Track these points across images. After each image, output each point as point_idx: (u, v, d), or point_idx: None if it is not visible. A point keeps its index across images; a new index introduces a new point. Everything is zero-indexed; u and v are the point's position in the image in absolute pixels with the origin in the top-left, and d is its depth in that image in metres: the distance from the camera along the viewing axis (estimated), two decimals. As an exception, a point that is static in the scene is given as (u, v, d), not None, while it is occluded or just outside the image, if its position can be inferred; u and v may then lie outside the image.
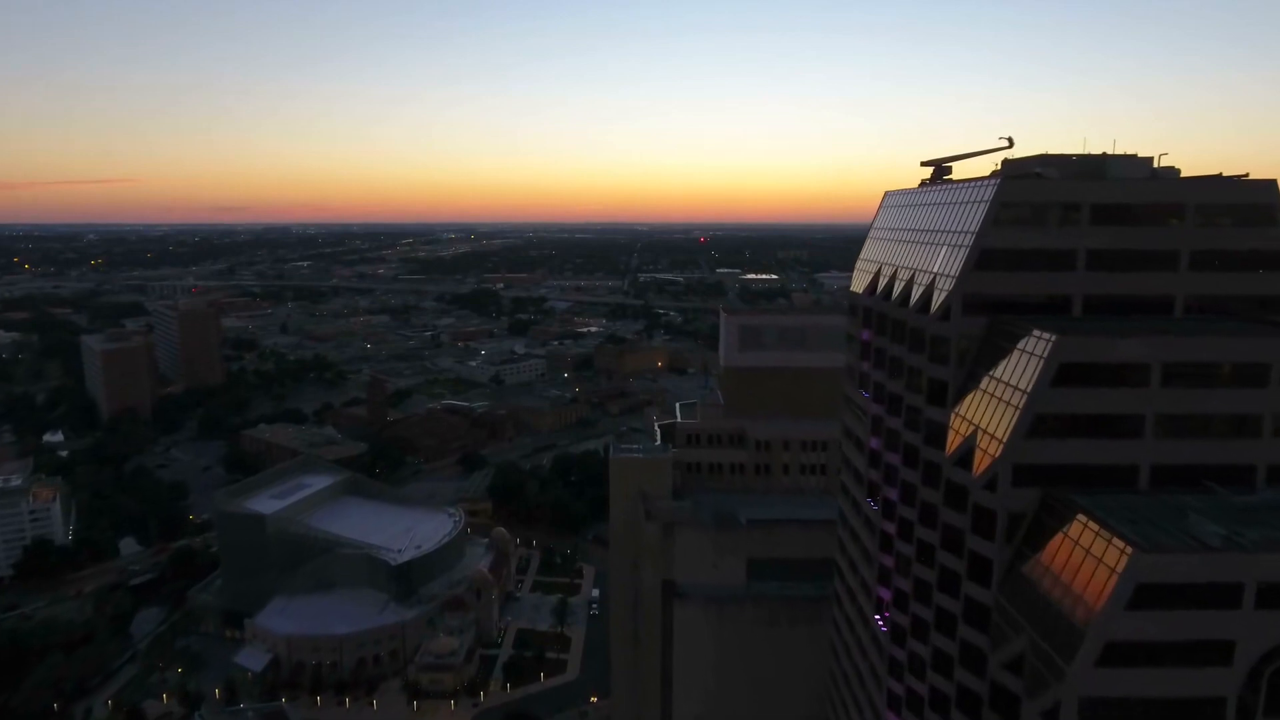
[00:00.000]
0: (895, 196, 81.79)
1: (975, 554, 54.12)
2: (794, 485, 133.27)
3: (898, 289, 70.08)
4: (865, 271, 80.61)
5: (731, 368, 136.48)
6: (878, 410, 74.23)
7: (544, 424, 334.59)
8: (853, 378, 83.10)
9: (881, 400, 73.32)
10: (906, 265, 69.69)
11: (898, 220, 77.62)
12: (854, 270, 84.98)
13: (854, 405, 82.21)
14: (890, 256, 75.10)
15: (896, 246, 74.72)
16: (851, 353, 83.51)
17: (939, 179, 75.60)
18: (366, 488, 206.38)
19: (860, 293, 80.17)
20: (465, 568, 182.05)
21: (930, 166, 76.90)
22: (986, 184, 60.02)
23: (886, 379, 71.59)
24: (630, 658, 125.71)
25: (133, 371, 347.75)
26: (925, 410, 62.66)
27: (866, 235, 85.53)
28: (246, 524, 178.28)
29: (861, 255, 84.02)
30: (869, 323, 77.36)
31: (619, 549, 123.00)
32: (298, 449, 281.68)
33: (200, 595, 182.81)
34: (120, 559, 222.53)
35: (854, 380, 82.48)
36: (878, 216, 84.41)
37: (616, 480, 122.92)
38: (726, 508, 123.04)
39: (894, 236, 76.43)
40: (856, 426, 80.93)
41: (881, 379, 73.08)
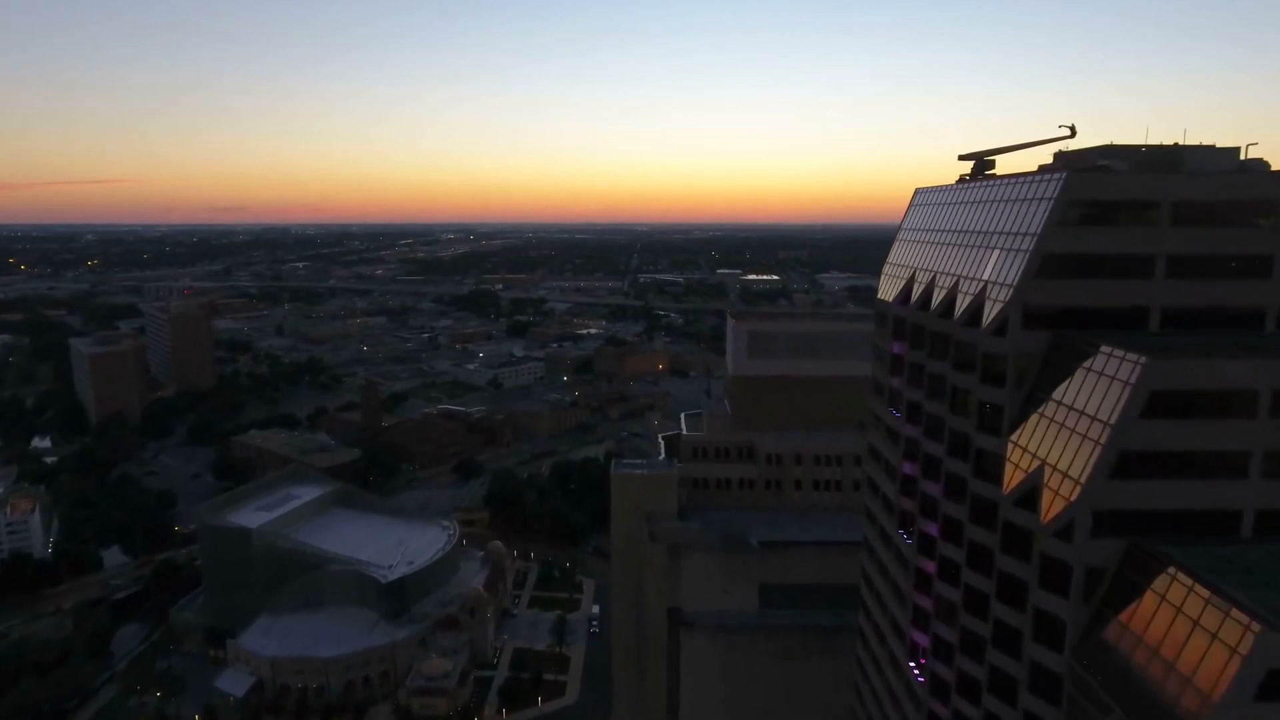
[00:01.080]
0: (929, 194, 73.83)
1: (1043, 612, 46.20)
2: (807, 502, 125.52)
3: (938, 298, 62.15)
4: (895, 277, 72.68)
5: (740, 376, 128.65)
6: (912, 432, 66.35)
7: (543, 429, 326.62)
8: (880, 394, 75.16)
9: (917, 421, 65.43)
10: (947, 271, 61.77)
11: (933, 220, 69.68)
12: (881, 275, 77.12)
13: (882, 424, 74.28)
14: (926, 260, 67.17)
15: (933, 249, 66.80)
16: (879, 366, 75.60)
17: (980, 174, 67.69)
18: (357, 499, 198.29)
19: (890, 301, 72.24)
20: (460, 583, 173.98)
21: (969, 161, 68.99)
22: (1048, 179, 52.05)
23: (924, 398, 63.67)
24: (634, 687, 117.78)
25: (122, 375, 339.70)
26: (975, 437, 54.74)
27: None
28: (231, 538, 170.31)
29: (890, 259, 76.13)
30: (901, 334, 69.45)
31: (622, 572, 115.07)
32: (289, 456, 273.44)
33: (182, 613, 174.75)
34: (104, 572, 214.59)
35: (882, 396, 74.55)
36: (907, 216, 76.44)
37: (618, 498, 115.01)
38: (736, 528, 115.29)
39: (929, 238, 68.51)
40: (885, 448, 73.01)
41: (918, 398, 65.16)
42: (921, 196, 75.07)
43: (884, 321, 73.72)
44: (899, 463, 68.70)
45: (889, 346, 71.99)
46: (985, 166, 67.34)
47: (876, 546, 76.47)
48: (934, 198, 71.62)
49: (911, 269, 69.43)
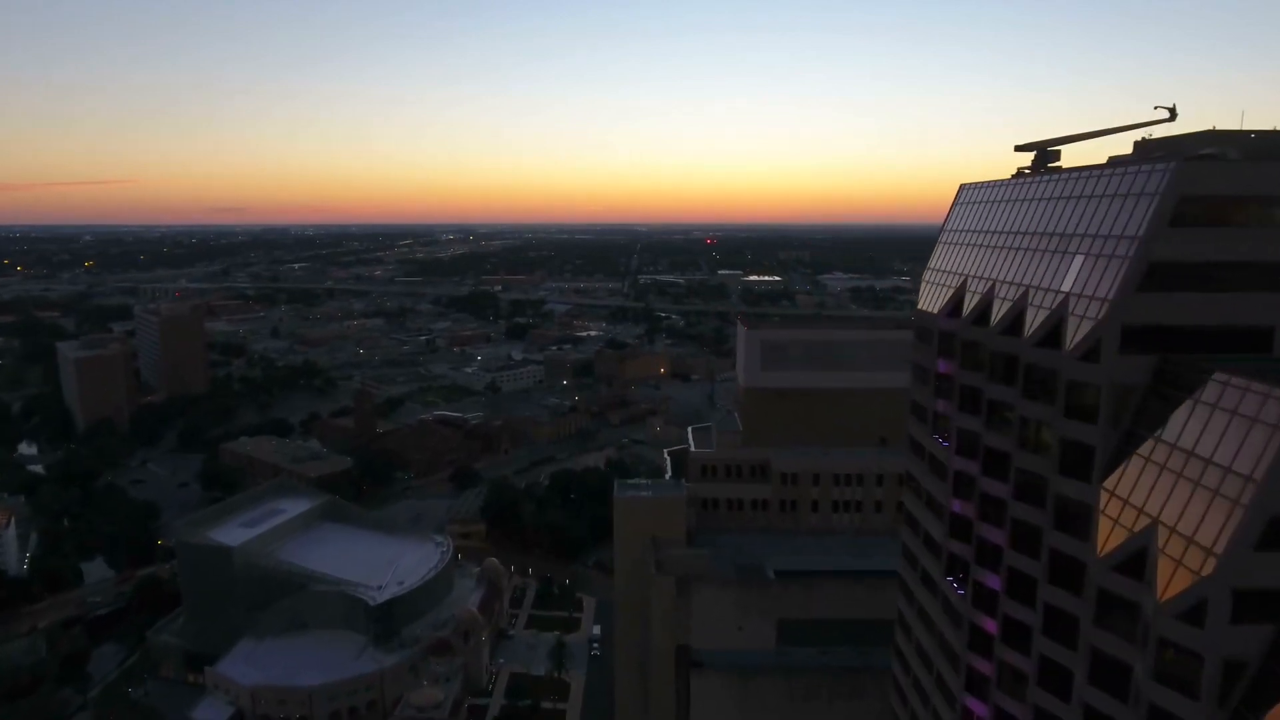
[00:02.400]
0: (978, 190, 64.70)
1: (1162, 711, 36.99)
2: (824, 525, 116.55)
3: (999, 311, 53.09)
4: (941, 285, 63.58)
5: (753, 389, 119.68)
6: (965, 466, 57.27)
7: (541, 435, 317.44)
8: (921, 418, 66.04)
9: (971, 454, 56.36)
10: (1010, 280, 52.71)
11: (986, 220, 60.57)
12: (922, 282, 68.01)
13: (925, 453, 65.17)
14: (980, 266, 58.08)
15: (989, 254, 57.71)
16: (920, 386, 66.49)
17: (1043, 166, 58.65)
18: (346, 513, 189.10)
19: (934, 313, 63.14)
20: (453, 603, 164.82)
21: (1027, 151, 59.96)
22: (1149, 170, 42.96)
23: (982, 428, 54.59)
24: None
25: (109, 380, 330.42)
26: (1054, 481, 45.67)
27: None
28: (211, 557, 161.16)
29: (932, 264, 67.00)
30: (949, 351, 60.35)
31: (626, 604, 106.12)
32: (279, 464, 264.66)
33: (160, 635, 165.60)
34: (83, 588, 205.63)
35: (924, 421, 65.42)
36: (952, 215, 67.33)
37: (622, 523, 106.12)
38: (749, 555, 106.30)
39: (983, 241, 59.44)
40: (929, 481, 63.89)
41: (973, 427, 56.06)
42: (969, 193, 65.94)
43: (927, 336, 64.60)
44: (947, 499, 59.62)
45: (933, 364, 62.89)
46: (1049, 158, 58.36)
47: (916, 591, 67.40)
48: (986, 194, 62.50)
49: (961, 276, 60.37)
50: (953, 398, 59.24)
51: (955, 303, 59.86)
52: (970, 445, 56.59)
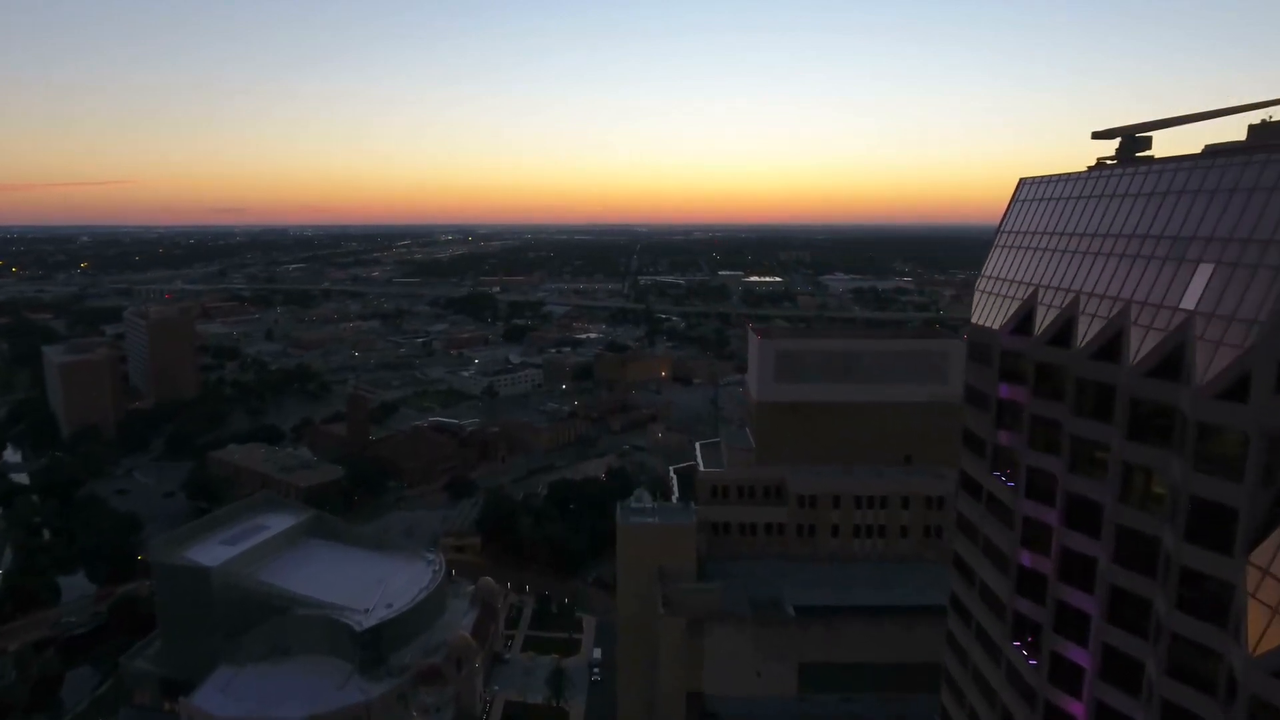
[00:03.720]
0: (1045, 185, 55.39)
1: None
2: (845, 551, 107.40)
3: (1087, 330, 43.88)
4: (1000, 296, 54.33)
5: (766, 402, 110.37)
6: (1038, 513, 48.07)
7: (540, 442, 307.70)
8: (978, 451, 56.75)
9: (1047, 499, 47.20)
10: (1101, 292, 43.50)
11: (1061, 220, 51.28)
12: (976, 292, 58.74)
13: (982, 492, 55.89)
14: (1055, 275, 48.86)
15: (1067, 260, 48.47)
16: (976, 413, 57.19)
17: (1128, 155, 49.41)
18: (333, 529, 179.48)
19: (995, 328, 53.87)
20: (445, 626, 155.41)
21: (1109, 139, 50.73)
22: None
23: (1063, 471, 45.41)
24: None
25: (94, 386, 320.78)
26: (1176, 550, 36.46)
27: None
28: (188, 578, 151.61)
29: (989, 271, 57.71)
30: (1016, 375, 51.19)
31: (630, 642, 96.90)
32: (268, 474, 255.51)
33: (133, 661, 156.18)
34: (61, 605, 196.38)
35: (981, 455, 56.16)
36: (1011, 214, 58.02)
37: (626, 552, 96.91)
38: (765, 587, 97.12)
39: (1058, 245, 50.18)
40: (989, 526, 54.62)
41: (1049, 467, 46.90)
42: (1033, 188, 56.63)
43: (985, 354, 55.30)
44: (1013, 550, 50.41)
45: (993, 389, 53.66)
46: (1138, 145, 49.08)
47: (970, 649, 58.13)
48: (1058, 189, 53.20)
49: (1029, 286, 51.15)
50: (1021, 429, 50.12)
51: (1023, 317, 50.70)
52: (1045, 489, 47.44)
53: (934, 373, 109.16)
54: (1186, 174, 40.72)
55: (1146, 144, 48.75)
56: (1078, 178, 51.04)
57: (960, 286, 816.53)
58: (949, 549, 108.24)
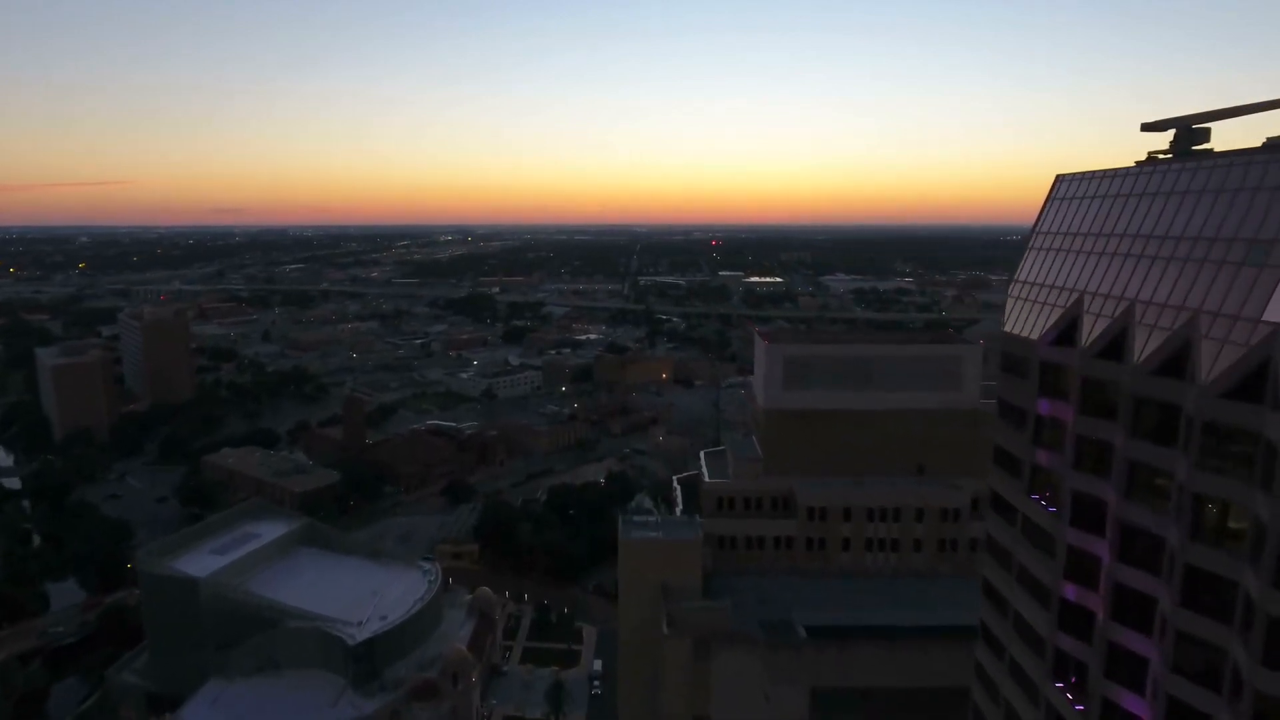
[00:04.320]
0: (1087, 182, 50.95)
1: None
2: (857, 565, 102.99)
3: (1145, 343, 39.47)
4: (1037, 303, 49.94)
5: (774, 410, 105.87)
6: (1085, 543, 43.67)
7: (539, 445, 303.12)
8: (1012, 471, 52.31)
9: (1095, 528, 42.81)
10: (1161, 301, 39.10)
11: (1108, 220, 46.85)
12: (1009, 298, 54.31)
13: (1017, 516, 51.46)
14: (1103, 281, 44.48)
15: (1117, 264, 44.09)
16: (1010, 430, 52.77)
17: (1184, 149, 44.99)
18: (327, 537, 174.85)
19: (1032, 338, 49.46)
20: (442, 639, 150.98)
21: (1160, 131, 46.30)
22: None
23: (1116, 498, 40.99)
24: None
25: (87, 388, 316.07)
26: (1263, 597, 32.03)
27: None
28: (176, 589, 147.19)
29: (1023, 275, 53.32)
30: (1055, 388, 46.81)
31: (631, 662, 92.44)
32: (262, 479, 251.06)
33: (120, 674, 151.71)
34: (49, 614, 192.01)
35: (1015, 475, 51.73)
36: (1048, 214, 53.57)
37: (629, 568, 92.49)
38: (774, 604, 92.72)
39: (1105, 247, 45.79)
40: (1024, 553, 50.21)
41: (1099, 493, 42.51)
42: (1072, 185, 52.18)
43: (1021, 366, 50.87)
44: (1055, 582, 46.02)
45: (1030, 404, 49.25)
46: (1196, 138, 44.61)
47: (1002, 684, 53.67)
48: (1103, 186, 48.74)
49: (1072, 292, 46.74)
50: (1063, 450, 45.67)
51: (1065, 326, 46.29)
52: (1093, 516, 43.03)
53: (948, 379, 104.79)
54: (1261, 169, 36.33)
55: (1204, 136, 44.34)
56: (1126, 174, 46.65)
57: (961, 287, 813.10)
58: (965, 563, 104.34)
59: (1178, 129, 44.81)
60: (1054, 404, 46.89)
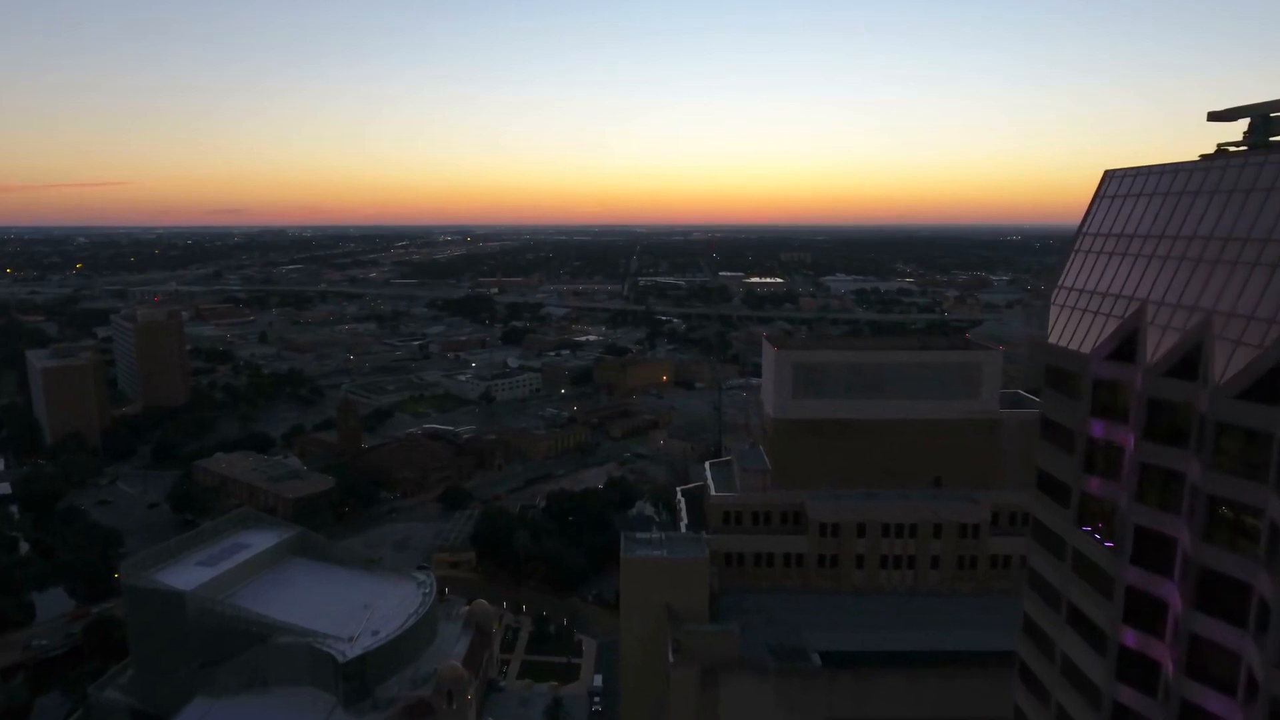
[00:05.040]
0: (1146, 179, 45.88)
1: None
2: (871, 584, 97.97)
3: (1228, 361, 34.43)
4: (1089, 311, 44.92)
5: (783, 420, 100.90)
6: (1149, 584, 38.62)
7: (538, 450, 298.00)
8: (1059, 499, 47.28)
9: (1162, 569, 37.73)
10: (1248, 314, 34.05)
11: (1171, 220, 41.84)
12: (1053, 305, 49.29)
13: (1065, 550, 46.43)
14: (1169, 289, 39.48)
15: (1186, 270, 39.07)
16: (1053, 452, 47.74)
17: (1260, 140, 39.96)
18: (319, 547, 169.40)
19: (1083, 352, 44.45)
20: (436, 654, 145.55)
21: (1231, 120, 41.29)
22: None
23: (1189, 536, 35.94)
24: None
25: (79, 392, 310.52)
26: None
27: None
28: (161, 603, 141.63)
29: (1068, 281, 48.34)
30: (1111, 409, 41.76)
31: (635, 691, 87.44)
32: (255, 484, 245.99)
33: (103, 691, 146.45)
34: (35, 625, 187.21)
35: (1062, 504, 46.70)
36: (1097, 214, 48.55)
37: (632, 589, 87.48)
38: (785, 626, 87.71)
39: (1171, 250, 40.72)
40: (1075, 592, 45.17)
41: (1166, 529, 37.46)
42: (1125, 182, 47.15)
43: (1068, 382, 45.87)
44: (1113, 626, 40.99)
45: (1081, 424, 44.24)
46: (1271, 128, 39.57)
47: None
48: (1163, 183, 43.70)
49: (1131, 300, 41.74)
50: (1121, 478, 40.60)
51: (1124, 339, 41.25)
52: (1160, 555, 38.03)
53: (966, 388, 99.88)
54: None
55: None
56: (1193, 168, 41.69)
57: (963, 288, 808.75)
58: (985, 581, 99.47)
59: (1252, 119, 39.90)
60: (1109, 426, 41.98)
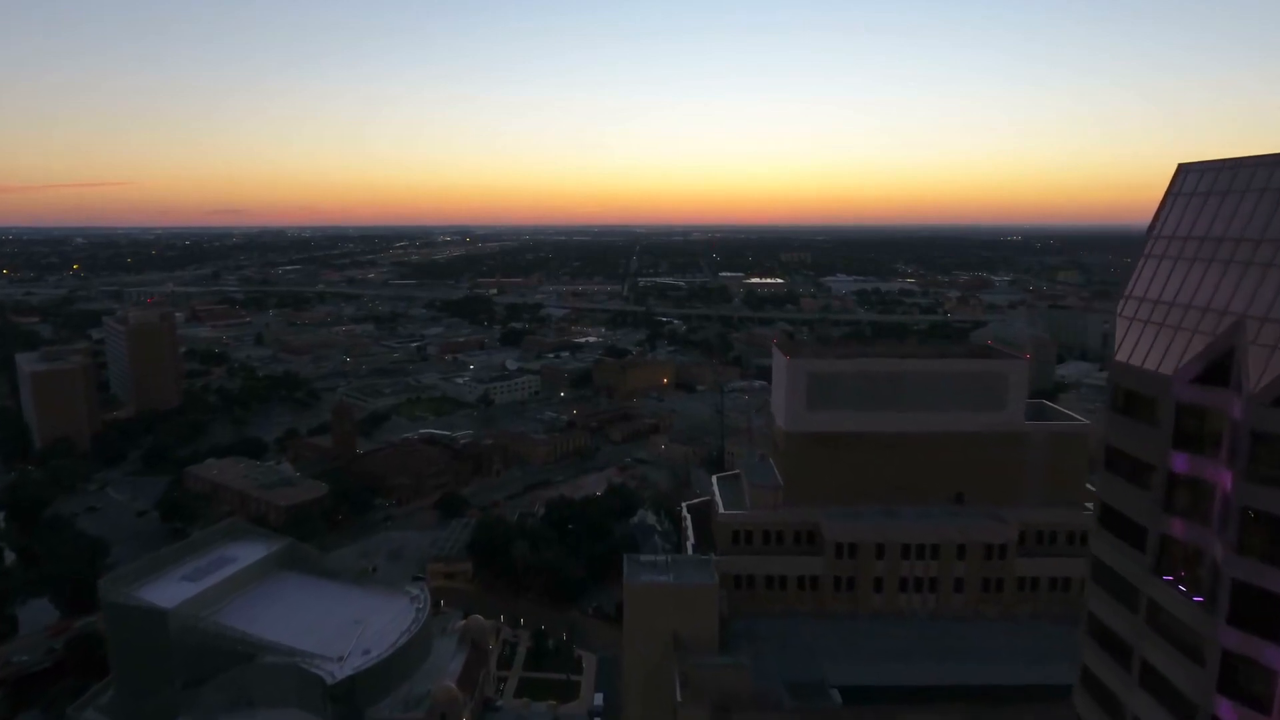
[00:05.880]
0: (1232, 174, 39.86)
1: None
2: (890, 607, 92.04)
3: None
4: (1170, 327, 38.95)
5: (796, 433, 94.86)
6: (1251, 649, 32.66)
7: (537, 455, 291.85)
8: (1132, 540, 41.30)
9: (1266, 629, 31.78)
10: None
11: (1274, 222, 35.80)
12: (1119, 318, 43.31)
13: (1139, 600, 40.45)
14: (1275, 304, 33.40)
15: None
16: (1122, 487, 41.77)
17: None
18: (309, 560, 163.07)
19: (1162, 372, 38.46)
20: (430, 673, 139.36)
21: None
22: None
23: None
24: None
25: (68, 396, 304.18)
26: None
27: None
28: (142, 620, 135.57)
29: (1138, 290, 42.34)
30: (1198, 440, 35.76)
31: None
32: (247, 491, 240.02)
33: (82, 713, 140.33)
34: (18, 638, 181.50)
35: (1136, 546, 40.72)
36: (1169, 215, 42.56)
37: (636, 617, 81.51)
38: (801, 657, 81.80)
39: (1276, 258, 34.70)
40: (1156, 653, 39.15)
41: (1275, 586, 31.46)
42: (1207, 178, 41.14)
43: (1141, 407, 39.91)
44: (1203, 695, 34.99)
45: (1159, 456, 38.24)
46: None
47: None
48: (1257, 178, 37.64)
49: (1224, 315, 35.73)
50: (1212, 522, 34.59)
51: (1216, 360, 35.27)
52: (1266, 616, 32.02)
53: (991, 398, 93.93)
54: None
55: None
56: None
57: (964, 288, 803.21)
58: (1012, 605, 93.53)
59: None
60: (1196, 460, 36.16)
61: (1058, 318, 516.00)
